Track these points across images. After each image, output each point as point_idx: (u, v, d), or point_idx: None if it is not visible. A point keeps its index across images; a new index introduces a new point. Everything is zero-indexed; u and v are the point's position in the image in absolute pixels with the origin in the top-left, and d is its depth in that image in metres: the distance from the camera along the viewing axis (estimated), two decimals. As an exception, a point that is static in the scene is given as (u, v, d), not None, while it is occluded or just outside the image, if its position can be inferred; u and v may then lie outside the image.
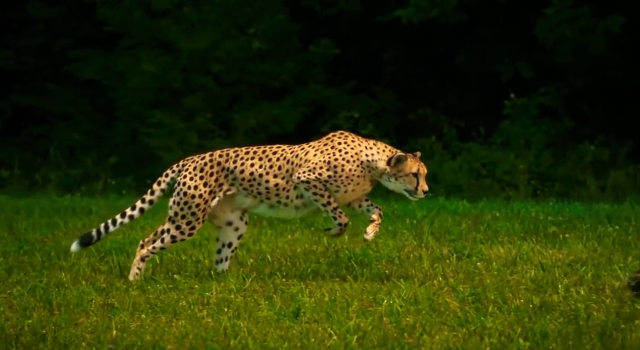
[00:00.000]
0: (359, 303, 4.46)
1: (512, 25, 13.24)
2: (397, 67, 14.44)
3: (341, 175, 4.99)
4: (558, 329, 3.95)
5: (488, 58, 13.43)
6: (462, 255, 5.75)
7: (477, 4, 12.83)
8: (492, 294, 4.64)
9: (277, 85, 13.74)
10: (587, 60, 12.69)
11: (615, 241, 6.16)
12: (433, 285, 4.89)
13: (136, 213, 5.19)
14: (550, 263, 5.51)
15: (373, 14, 13.54)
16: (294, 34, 13.70)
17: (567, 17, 12.21)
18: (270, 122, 13.55)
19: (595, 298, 4.54)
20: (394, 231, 6.74)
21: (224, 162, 5.11)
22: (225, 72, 13.51)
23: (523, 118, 13.05)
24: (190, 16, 13.41)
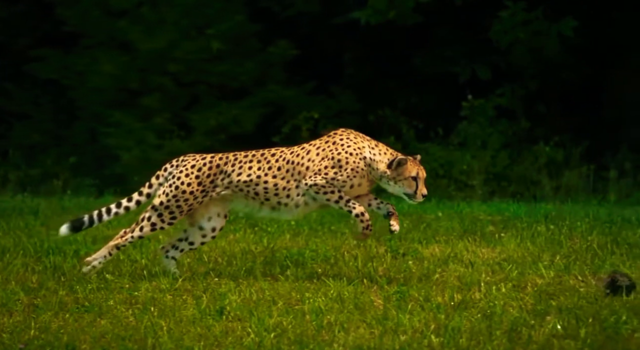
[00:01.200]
0: (286, 301, 4.54)
1: (469, 28, 13.43)
2: (356, 68, 14.58)
3: (346, 168, 4.98)
4: (472, 325, 4.07)
5: (446, 60, 13.61)
6: (397, 255, 5.86)
7: (434, 6, 12.99)
8: (417, 292, 4.75)
9: (236, 86, 13.79)
10: (542, 63, 12.92)
11: (548, 240, 6.32)
12: (362, 283, 5.00)
13: (132, 205, 5.22)
14: (481, 262, 5.64)
15: (331, 15, 13.65)
16: (253, 34, 13.77)
17: (521, 20, 12.41)
18: (230, 123, 13.60)
19: (514, 295, 4.68)
20: (336, 231, 6.84)
21: (222, 164, 5.16)
22: (184, 73, 13.53)
23: (480, 119, 13.24)
24: (149, 16, 13.42)
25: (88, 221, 5.18)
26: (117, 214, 5.20)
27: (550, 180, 12.63)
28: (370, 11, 12.72)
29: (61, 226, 5.19)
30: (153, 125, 13.42)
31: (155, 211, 5.10)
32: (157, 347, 3.60)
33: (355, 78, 14.57)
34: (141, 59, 13.50)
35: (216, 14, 13.68)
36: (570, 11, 12.61)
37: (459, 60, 13.48)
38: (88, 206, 8.71)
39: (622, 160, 12.57)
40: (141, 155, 13.18)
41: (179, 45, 13.45)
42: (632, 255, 5.71)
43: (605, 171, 12.35)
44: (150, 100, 13.54)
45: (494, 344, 3.81)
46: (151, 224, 5.10)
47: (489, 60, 13.29)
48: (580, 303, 4.49)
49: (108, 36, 13.70)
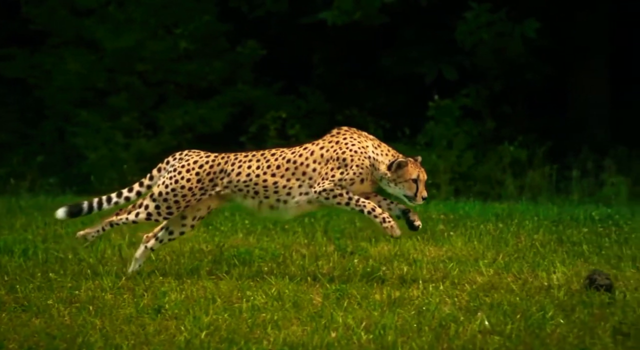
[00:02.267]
0: (226, 300, 4.61)
1: (435, 28, 13.56)
2: (325, 68, 14.66)
3: (351, 166, 4.98)
4: (404, 322, 4.16)
5: (412, 60, 13.73)
6: (344, 253, 5.95)
7: (400, 7, 13.10)
8: (357, 290, 4.84)
9: (204, 86, 13.84)
10: (506, 63, 13.08)
11: (495, 239, 6.43)
12: (305, 282, 5.07)
13: (132, 195, 5.25)
14: (426, 260, 5.74)
15: (300, 15, 13.72)
16: (221, 34, 13.81)
17: (485, 21, 12.56)
18: (198, 122, 13.63)
19: (450, 293, 4.78)
20: (288, 229, 6.92)
21: (223, 163, 5.17)
22: (151, 72, 13.55)
23: (446, 119, 13.37)
24: (116, 15, 13.42)
25: (87, 208, 5.22)
26: (117, 204, 5.23)
27: (514, 180, 12.79)
28: (336, 12, 12.81)
29: (58, 209, 5.21)
30: (120, 124, 13.43)
31: (153, 201, 5.13)
32: (86, 345, 3.65)
33: (324, 78, 14.66)
34: (108, 58, 13.50)
35: (184, 13, 13.70)
36: (533, 13, 12.77)
37: (426, 60, 13.61)
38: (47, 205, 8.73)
39: (585, 160, 12.76)
40: (108, 154, 13.19)
41: (146, 44, 13.47)
42: (572, 253, 5.84)
43: (568, 171, 12.53)
44: (118, 100, 13.54)
45: (421, 339, 3.90)
46: (147, 213, 5.14)
47: (455, 60, 13.43)
48: (513, 300, 4.60)
49: (75, 35, 13.69)
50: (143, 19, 13.48)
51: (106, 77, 13.48)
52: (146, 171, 15.33)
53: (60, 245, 5.99)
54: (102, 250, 5.79)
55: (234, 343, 3.77)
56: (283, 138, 13.44)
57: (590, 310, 4.35)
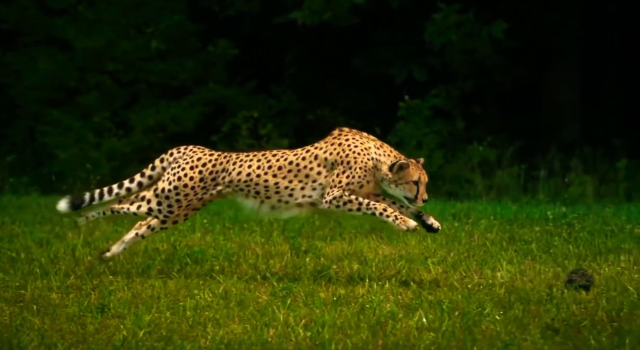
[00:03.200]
0: (173, 298, 4.66)
1: (405, 30, 13.67)
2: (297, 68, 14.73)
3: (355, 168, 4.98)
4: (344, 319, 4.24)
5: (383, 61, 13.84)
6: (298, 252, 6.02)
7: (370, 8, 13.20)
8: (304, 288, 4.91)
9: (176, 85, 13.86)
10: (475, 64, 13.21)
11: (448, 238, 6.53)
12: (254, 280, 5.14)
13: (134, 186, 5.26)
14: (378, 258, 5.83)
15: (271, 15, 13.78)
16: (193, 34, 13.84)
17: (454, 22, 12.68)
18: (169, 121, 13.65)
19: (394, 291, 4.86)
20: (247, 228, 6.98)
21: (225, 162, 5.17)
22: (122, 71, 13.56)
23: (416, 119, 13.48)
24: (87, 15, 13.42)
25: (88, 199, 5.23)
26: (117, 194, 5.25)
27: (483, 180, 12.92)
28: (306, 12, 12.89)
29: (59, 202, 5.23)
30: (91, 123, 13.43)
31: (156, 197, 5.16)
32: (21, 345, 3.70)
33: (296, 78, 14.73)
34: (79, 58, 13.50)
35: (155, 13, 13.72)
36: (501, 14, 12.91)
37: (396, 61, 13.72)
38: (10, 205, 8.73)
39: (552, 160, 12.91)
40: (79, 153, 13.19)
41: (118, 44, 13.48)
42: (522, 251, 5.95)
43: (536, 171, 12.67)
44: (89, 99, 13.54)
45: (358, 336, 3.97)
46: (148, 208, 5.16)
47: (425, 61, 13.54)
48: (454, 297, 4.69)
49: (46, 34, 13.67)
50: (114, 18, 13.49)
51: (77, 77, 13.47)
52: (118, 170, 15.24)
53: (14, 245, 6.00)
54: (56, 250, 5.82)
55: (170, 341, 3.82)
56: (255, 138, 13.50)
57: (527, 306, 4.45)
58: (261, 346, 3.78)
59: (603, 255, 5.68)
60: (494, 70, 13.49)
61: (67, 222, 7.16)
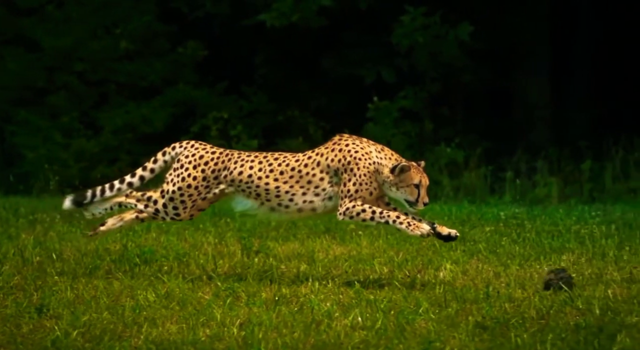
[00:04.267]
0: (115, 298, 4.69)
1: (373, 31, 13.77)
2: (268, 69, 14.78)
3: (359, 175, 4.99)
4: (281, 318, 4.29)
5: (353, 62, 13.93)
6: (249, 252, 6.07)
7: (339, 9, 13.28)
8: (248, 288, 4.96)
9: (145, 86, 13.87)
10: (442, 66, 13.33)
11: (400, 238, 6.60)
12: (201, 280, 5.18)
13: (135, 180, 5.25)
14: (327, 258, 5.89)
15: (241, 17, 13.83)
16: (162, 35, 13.87)
17: (421, 24, 12.79)
18: (139, 122, 13.66)
19: (336, 290, 4.93)
20: (202, 229, 7.02)
21: (227, 161, 5.16)
22: (91, 72, 13.55)
23: (385, 120, 13.59)
24: (55, 15, 13.40)
25: (90, 196, 5.24)
26: (119, 190, 5.25)
27: (450, 181, 13.03)
28: (275, 14, 12.94)
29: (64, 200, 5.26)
30: (60, 124, 13.41)
31: (162, 198, 5.17)
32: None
33: (266, 79, 14.78)
34: (47, 58, 13.48)
35: (124, 13, 13.73)
36: (468, 16, 13.04)
37: (365, 62, 13.81)
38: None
39: (518, 161, 13.05)
40: (47, 154, 13.16)
41: (86, 44, 13.48)
42: (470, 251, 6.04)
43: (503, 172, 12.80)
44: (57, 99, 13.53)
45: (291, 335, 4.03)
46: (155, 209, 5.17)
47: (393, 63, 13.65)
48: (394, 296, 4.76)
49: (14, 34, 13.64)
50: (82, 18, 13.48)
51: (45, 77, 13.45)
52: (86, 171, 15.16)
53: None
54: (5, 250, 5.83)
55: (101, 342, 3.86)
56: (225, 138, 13.53)
57: (462, 305, 4.53)
58: (192, 346, 3.82)
59: (547, 255, 5.78)
60: (462, 72, 13.61)
61: (22, 223, 7.17)
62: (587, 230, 6.46)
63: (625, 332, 3.80)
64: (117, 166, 13.49)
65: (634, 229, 6.49)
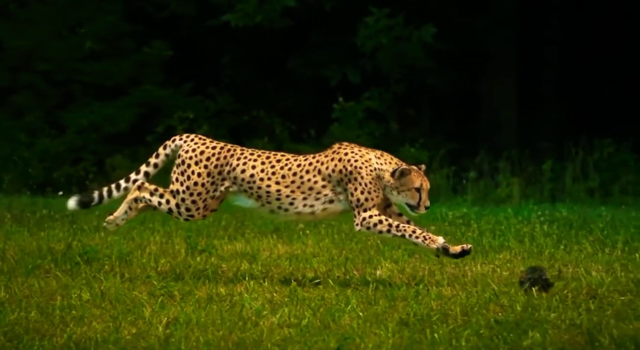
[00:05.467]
0: (48, 298, 4.72)
1: (338, 32, 13.85)
2: (234, 69, 14.83)
3: (363, 182, 5.00)
4: (209, 317, 4.34)
5: (318, 63, 14.01)
6: (194, 251, 6.11)
7: (304, 10, 13.35)
8: (184, 287, 5.01)
9: (110, 86, 13.86)
10: (406, 68, 13.44)
11: (347, 237, 6.68)
12: (139, 279, 5.21)
13: (141, 177, 5.25)
14: (271, 258, 5.95)
15: (206, 17, 13.86)
16: (127, 35, 13.86)
17: (384, 26, 12.89)
18: (104, 122, 13.65)
19: (271, 289, 4.99)
20: (152, 228, 7.05)
21: (229, 156, 5.15)
22: (55, 71, 13.53)
23: (350, 121, 13.68)
24: (19, 14, 13.36)
25: (97, 198, 5.24)
26: (126, 189, 5.24)
27: (415, 181, 13.13)
28: (239, 14, 13.00)
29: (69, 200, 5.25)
30: (24, 123, 13.38)
31: (173, 198, 5.16)
32: None
33: (233, 79, 14.83)
34: (11, 58, 13.44)
35: (89, 13, 13.72)
36: (431, 18, 13.16)
37: (331, 63, 13.89)
38: None
39: (481, 162, 13.19)
40: (9, 154, 13.11)
41: (50, 44, 13.45)
42: (411, 251, 6.11)
43: (466, 173, 12.92)
44: (21, 99, 13.49)
45: (217, 333, 4.08)
46: (169, 209, 5.17)
47: (358, 64, 13.74)
48: (327, 294, 4.83)
49: (-24, 34, 13.62)
50: (46, 18, 13.45)
51: (9, 76, 13.40)
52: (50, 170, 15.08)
53: None
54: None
55: (21, 341, 3.88)
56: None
57: (392, 303, 4.61)
58: (114, 344, 3.86)
59: (485, 253, 5.87)
60: (426, 73, 13.73)
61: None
62: (529, 229, 6.57)
63: (539, 328, 3.89)
64: (82, 166, 13.49)
65: (574, 228, 6.61)
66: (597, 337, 3.73)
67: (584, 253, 5.68)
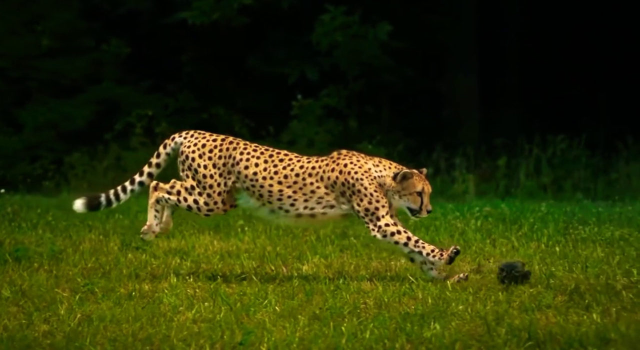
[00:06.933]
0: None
1: (296, 30, 13.91)
2: (194, 67, 14.83)
3: (367, 193, 4.99)
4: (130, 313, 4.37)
5: (277, 61, 14.05)
6: (129, 248, 6.13)
7: (261, 8, 13.38)
8: (108, 284, 5.03)
9: (67, 83, 13.81)
10: (363, 65, 13.53)
11: (284, 233, 6.72)
12: (65, 277, 5.23)
13: (144, 179, 5.23)
14: (203, 254, 5.98)
15: (164, 15, 13.85)
16: (84, 32, 13.82)
17: (340, 23, 12.96)
18: (61, 119, 13.60)
19: (194, 285, 5.03)
20: (91, 226, 7.06)
21: (231, 149, 5.13)
22: (11, 69, 13.45)
23: (309, 118, 13.74)
24: (-27, 12, 13.28)
25: (105, 201, 5.24)
26: (132, 191, 5.25)
27: (372, 177, 13.23)
28: (196, 12, 13.00)
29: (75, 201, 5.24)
30: (-21, 121, 13.31)
31: (190, 195, 5.13)
32: None
33: (193, 77, 14.83)
34: (-35, 55, 13.38)
35: (45, 10, 13.65)
36: (388, 16, 13.25)
37: (289, 61, 13.94)
38: None
39: (438, 158, 13.31)
40: (-33, 151, 13.04)
41: (6, 41, 13.37)
42: (344, 246, 6.19)
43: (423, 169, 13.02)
44: (-24, 96, 13.43)
45: (128, 329, 4.11)
46: (187, 206, 5.15)
47: (317, 62, 13.80)
48: (248, 290, 4.88)
49: None
50: (2, 15, 13.37)
51: (-37, 74, 13.32)
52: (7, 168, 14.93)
53: None
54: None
55: None
56: (149, 136, 13.54)
57: (310, 297, 4.67)
58: (20, 342, 3.88)
59: (415, 248, 5.94)
60: (384, 71, 13.83)
61: None
62: (463, 225, 6.67)
63: (444, 320, 3.98)
64: (39, 164, 13.43)
65: (506, 223, 6.73)
66: (495, 327, 3.83)
67: (508, 247, 5.78)
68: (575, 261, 5.24)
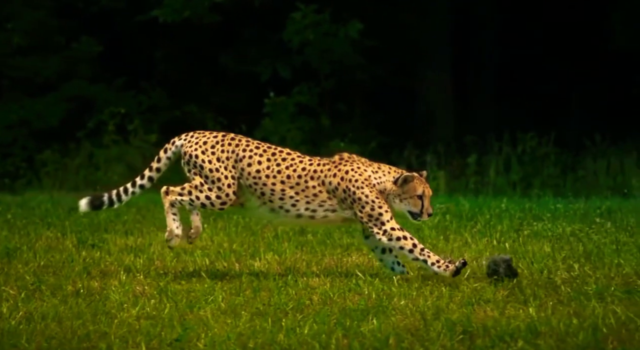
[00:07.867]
0: None
1: (269, 28, 13.93)
2: (167, 65, 14.82)
3: (368, 200, 4.98)
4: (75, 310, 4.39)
5: (250, 59, 14.07)
6: (84, 245, 6.14)
7: (233, 6, 13.39)
8: (57, 282, 5.04)
9: (40, 81, 13.77)
10: (334, 63, 13.57)
11: (244, 230, 6.76)
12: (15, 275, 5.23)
13: (145, 182, 5.24)
14: (159, 252, 6.00)
15: (136, 12, 13.83)
16: (56, 30, 13.78)
17: (311, 22, 13.00)
18: (34, 117, 13.56)
19: (142, 282, 5.04)
20: (51, 223, 7.05)
21: (234, 145, 5.12)
22: (-18, 67, 13.41)
23: (281, 116, 13.77)
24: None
25: (108, 201, 5.24)
26: (134, 194, 5.26)
27: (345, 175, 13.26)
28: (167, 10, 13.00)
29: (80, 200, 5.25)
30: (-50, 119, 13.24)
31: (200, 192, 5.11)
32: None
33: (166, 75, 14.82)
34: (-64, 52, 13.31)
35: (17, 8, 13.60)
36: (359, 14, 13.30)
37: (262, 59, 13.97)
38: None
39: (409, 156, 13.38)
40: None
41: (-24, 39, 13.34)
42: (300, 243, 6.23)
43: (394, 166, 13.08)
44: (-54, 94, 13.36)
45: (68, 327, 4.12)
46: (201, 204, 5.13)
47: (289, 60, 13.83)
48: (199, 287, 4.91)
49: None
50: (-29, 13, 13.32)
51: None
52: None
53: None
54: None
55: None
56: (122, 133, 13.53)
57: (258, 294, 4.70)
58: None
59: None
60: (355, 69, 13.87)
61: None
62: (420, 221, 6.69)
63: (381, 315, 4.03)
64: (11, 161, 13.38)
65: (462, 220, 6.78)
66: (432, 321, 3.87)
67: (460, 243, 5.84)
68: (523, 257, 5.30)
